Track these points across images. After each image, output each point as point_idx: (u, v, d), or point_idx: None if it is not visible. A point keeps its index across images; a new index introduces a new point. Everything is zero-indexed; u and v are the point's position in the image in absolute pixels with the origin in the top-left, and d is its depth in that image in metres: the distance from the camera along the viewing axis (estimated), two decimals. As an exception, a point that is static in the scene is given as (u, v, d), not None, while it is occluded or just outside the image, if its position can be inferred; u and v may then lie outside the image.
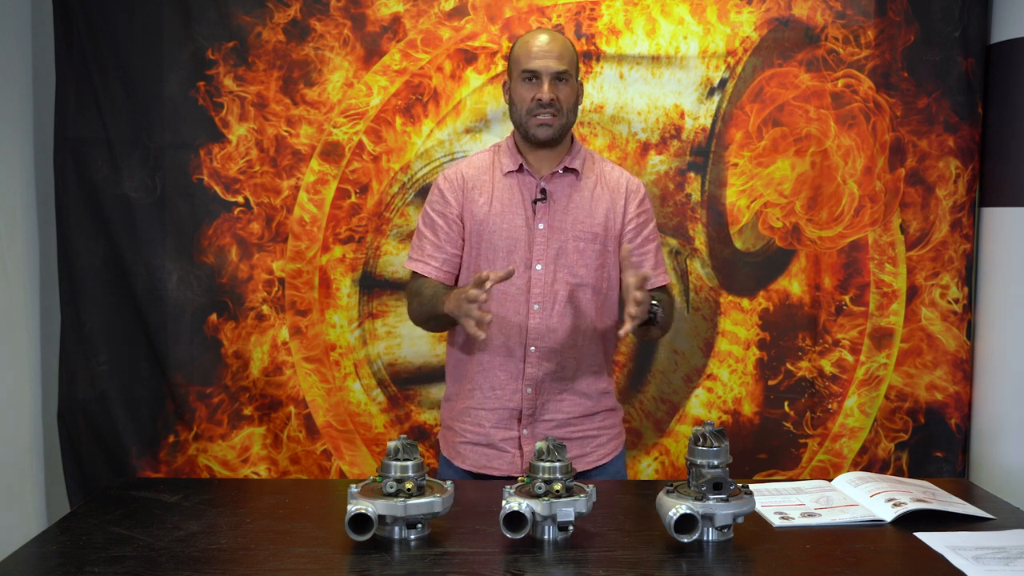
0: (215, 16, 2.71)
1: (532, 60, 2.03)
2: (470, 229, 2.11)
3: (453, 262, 2.13)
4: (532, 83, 2.04)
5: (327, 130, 2.76)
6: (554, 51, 2.03)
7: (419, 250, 2.15)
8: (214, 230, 2.77)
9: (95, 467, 2.78)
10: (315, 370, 2.81)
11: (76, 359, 2.76)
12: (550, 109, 2.03)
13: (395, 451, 1.65)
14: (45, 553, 1.61)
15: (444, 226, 2.12)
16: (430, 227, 2.14)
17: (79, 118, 2.72)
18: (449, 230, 2.12)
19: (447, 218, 2.12)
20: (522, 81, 2.05)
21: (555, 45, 2.04)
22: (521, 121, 2.07)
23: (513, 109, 2.09)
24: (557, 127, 2.05)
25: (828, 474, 2.71)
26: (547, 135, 2.05)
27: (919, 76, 2.73)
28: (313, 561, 1.56)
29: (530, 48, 2.04)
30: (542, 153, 2.10)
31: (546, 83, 2.02)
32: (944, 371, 2.78)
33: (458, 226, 2.12)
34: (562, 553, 1.59)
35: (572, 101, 2.07)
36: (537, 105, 2.03)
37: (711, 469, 1.62)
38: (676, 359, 2.83)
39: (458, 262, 2.14)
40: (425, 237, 2.14)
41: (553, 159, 2.11)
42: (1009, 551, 1.60)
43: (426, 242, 2.14)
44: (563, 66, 2.03)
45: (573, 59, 2.08)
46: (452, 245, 2.12)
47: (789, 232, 2.79)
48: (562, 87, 2.04)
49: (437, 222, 2.13)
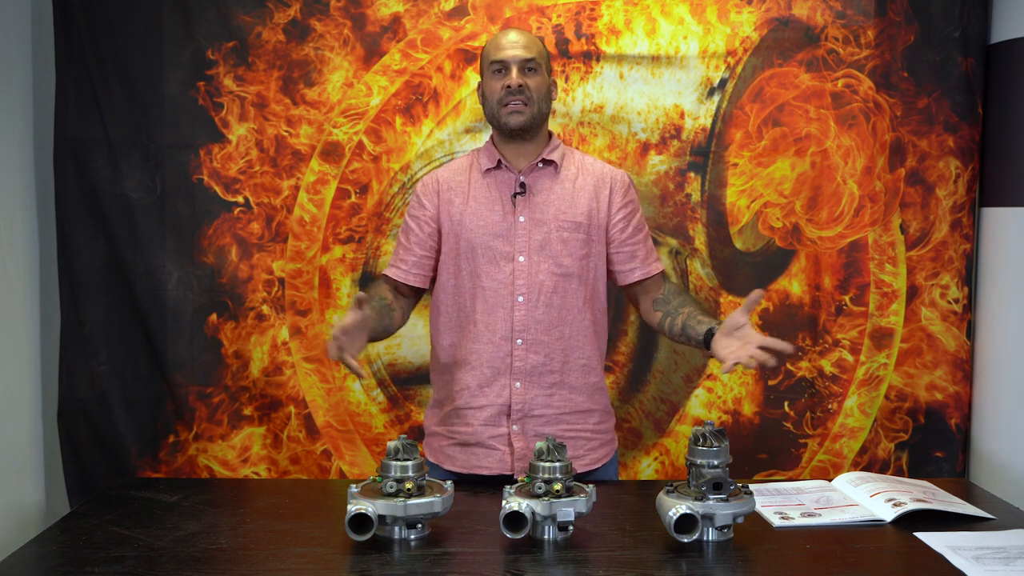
0: (215, 16, 2.71)
1: (500, 51, 2.08)
2: (447, 230, 2.13)
3: (423, 264, 2.16)
4: (501, 74, 2.08)
5: (327, 130, 2.76)
6: (520, 42, 2.08)
7: (394, 256, 2.21)
8: (214, 230, 2.77)
9: (95, 467, 2.78)
10: (315, 370, 2.81)
11: (76, 359, 2.76)
12: (520, 96, 2.06)
13: (395, 451, 1.65)
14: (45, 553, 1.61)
15: (416, 229, 2.16)
16: (404, 232, 2.19)
17: (79, 118, 2.72)
18: (420, 232, 2.15)
19: (419, 220, 2.16)
20: (492, 74, 2.09)
21: (522, 37, 2.10)
22: (494, 112, 2.10)
23: (486, 104, 2.12)
24: (528, 115, 2.07)
25: (828, 474, 2.71)
26: (519, 122, 2.07)
27: (919, 76, 2.73)
28: (313, 561, 1.56)
29: (498, 42, 2.10)
30: (519, 147, 2.12)
31: (514, 70, 2.06)
32: (944, 371, 2.78)
33: (430, 228, 2.15)
34: (562, 553, 1.60)
35: (543, 92, 2.09)
36: (507, 93, 2.06)
37: (711, 469, 1.62)
38: (676, 359, 2.83)
39: (429, 264, 2.16)
40: (400, 243, 2.20)
41: (531, 153, 2.13)
42: (1009, 551, 1.60)
43: (399, 247, 2.19)
44: (531, 54, 2.07)
45: (542, 52, 2.12)
46: (421, 247, 2.15)
47: (789, 232, 2.79)
48: (531, 76, 2.07)
49: (410, 226, 2.18)
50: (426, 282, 2.18)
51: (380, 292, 2.14)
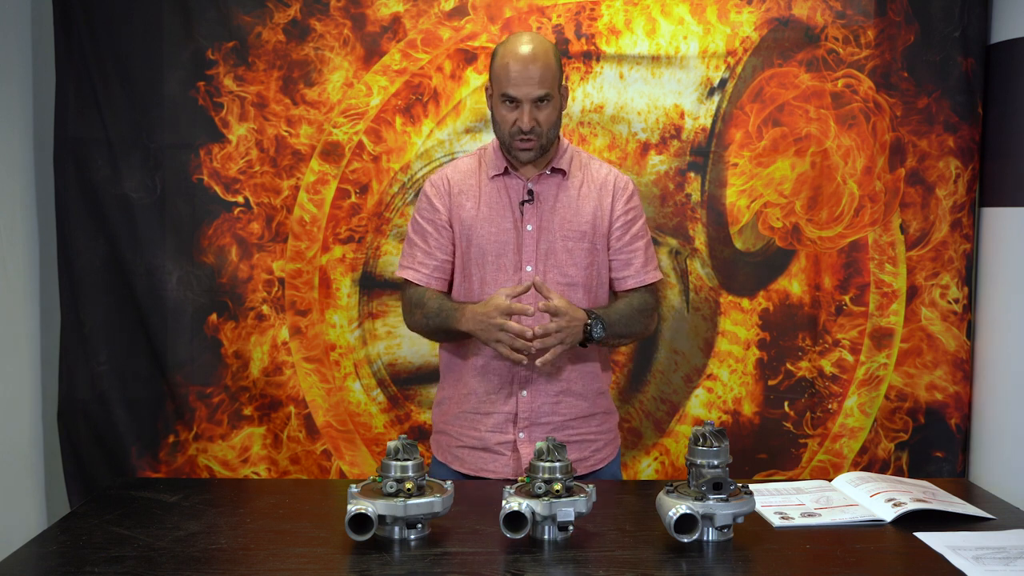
0: (215, 16, 2.71)
1: (511, 86, 2.02)
2: (459, 234, 2.12)
3: (444, 268, 2.15)
4: (512, 106, 2.04)
5: (327, 130, 2.76)
6: (535, 76, 2.00)
7: (410, 258, 2.16)
8: (214, 230, 2.77)
9: (95, 467, 2.78)
10: (315, 370, 2.81)
11: (76, 359, 2.76)
12: (531, 135, 2.04)
13: (395, 451, 1.65)
14: (45, 553, 1.61)
15: (434, 232, 2.14)
16: (420, 234, 2.16)
17: (79, 118, 2.72)
18: (439, 236, 2.14)
19: (436, 224, 2.14)
20: (502, 102, 2.05)
21: (536, 67, 2.01)
22: (504, 141, 2.09)
23: (496, 126, 2.10)
24: (538, 149, 2.06)
25: (828, 474, 2.71)
26: (528, 159, 2.08)
27: (919, 76, 2.73)
28: (313, 561, 1.56)
29: (510, 72, 2.02)
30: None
31: (527, 111, 2.01)
32: (944, 371, 2.78)
33: (448, 232, 2.14)
34: (562, 553, 1.60)
35: (554, 119, 2.07)
36: (518, 131, 2.03)
37: (711, 469, 1.62)
38: (676, 359, 2.83)
39: (449, 268, 2.15)
40: (416, 244, 2.16)
41: (540, 161, 2.12)
42: (1009, 551, 1.60)
43: (417, 250, 2.16)
44: (544, 90, 2.02)
45: (555, 75, 2.05)
46: (442, 251, 2.14)
47: (789, 232, 2.79)
48: (543, 108, 2.03)
49: (427, 229, 2.15)
50: (447, 286, 2.17)
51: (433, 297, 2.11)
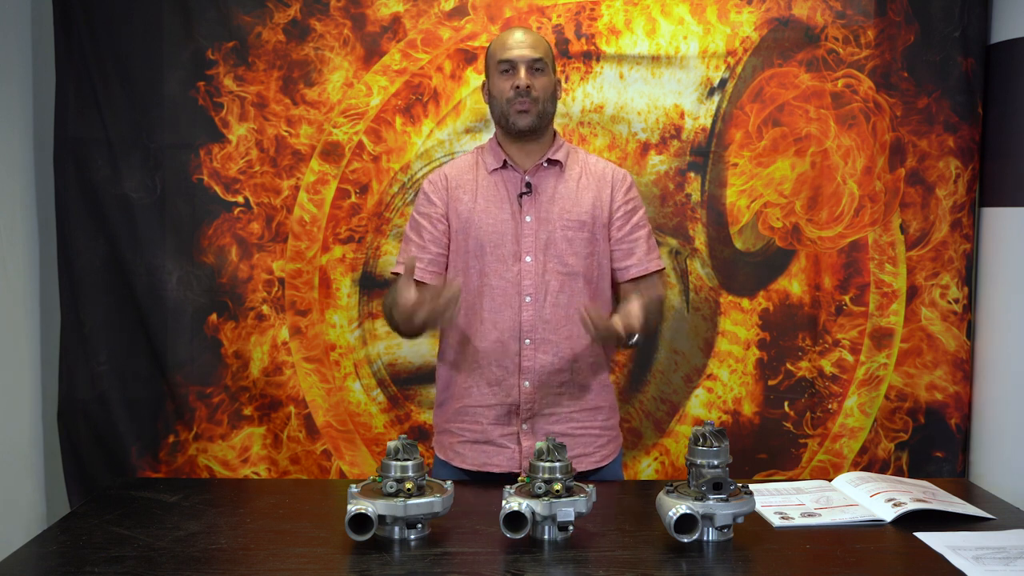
0: (215, 16, 2.71)
1: (507, 51, 2.09)
2: (456, 228, 2.13)
3: (438, 262, 2.15)
4: (509, 74, 2.08)
5: (327, 130, 2.76)
6: (527, 41, 2.09)
7: (404, 253, 2.18)
8: (214, 230, 2.77)
9: (95, 467, 2.78)
10: (315, 370, 2.81)
11: (76, 359, 2.76)
12: (527, 97, 2.06)
13: (395, 451, 1.65)
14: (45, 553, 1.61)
15: (428, 226, 2.15)
16: (415, 230, 2.17)
17: (79, 118, 2.72)
18: (433, 230, 2.14)
19: (431, 218, 2.15)
20: (499, 74, 2.10)
21: (528, 37, 2.11)
22: (503, 112, 2.10)
23: (494, 104, 2.13)
24: (535, 114, 2.08)
25: (828, 474, 2.71)
26: (527, 122, 2.08)
27: (919, 76, 2.73)
28: (313, 561, 1.56)
29: (505, 42, 2.11)
30: (525, 147, 2.13)
31: (522, 70, 2.06)
32: (944, 371, 2.78)
33: (443, 225, 2.14)
34: (562, 553, 1.60)
35: (549, 92, 2.10)
36: (516, 94, 2.06)
37: (711, 469, 1.62)
38: (676, 359, 2.83)
39: (443, 261, 2.15)
40: (411, 240, 2.17)
41: (536, 153, 2.13)
42: (1009, 551, 1.60)
43: (411, 245, 2.16)
44: (538, 54, 2.08)
45: (548, 51, 2.13)
46: (436, 245, 2.14)
47: (789, 232, 2.79)
48: (538, 76, 2.08)
49: (422, 224, 2.16)
50: (441, 280, 2.17)
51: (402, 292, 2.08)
